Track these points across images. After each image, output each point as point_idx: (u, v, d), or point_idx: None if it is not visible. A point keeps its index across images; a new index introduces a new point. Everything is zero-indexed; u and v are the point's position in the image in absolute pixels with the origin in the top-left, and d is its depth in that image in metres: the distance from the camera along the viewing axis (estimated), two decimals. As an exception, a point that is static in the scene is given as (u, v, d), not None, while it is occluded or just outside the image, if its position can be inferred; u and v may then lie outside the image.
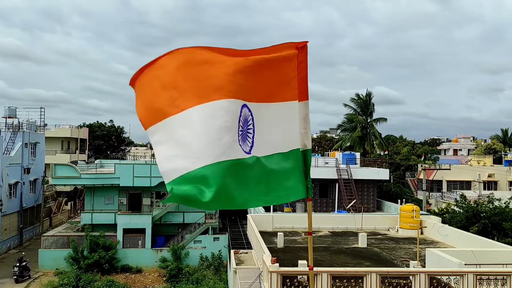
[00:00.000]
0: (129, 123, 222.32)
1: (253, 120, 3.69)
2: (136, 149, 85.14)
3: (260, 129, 3.73)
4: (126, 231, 36.17)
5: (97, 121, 71.75)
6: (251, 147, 3.68)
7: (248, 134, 3.67)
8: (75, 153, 56.80)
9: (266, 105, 3.75)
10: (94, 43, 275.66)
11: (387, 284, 14.20)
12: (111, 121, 73.07)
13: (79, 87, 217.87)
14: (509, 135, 79.31)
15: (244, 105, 3.59)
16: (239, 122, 3.54)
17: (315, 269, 14.56)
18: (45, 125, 50.60)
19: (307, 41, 3.75)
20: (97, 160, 51.11)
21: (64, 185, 44.17)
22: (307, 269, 14.76)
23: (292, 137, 3.85)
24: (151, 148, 71.12)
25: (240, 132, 3.57)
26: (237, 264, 21.32)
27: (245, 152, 3.62)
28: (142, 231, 36.23)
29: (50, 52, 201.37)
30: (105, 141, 69.52)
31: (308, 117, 3.88)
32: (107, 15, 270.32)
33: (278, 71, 3.72)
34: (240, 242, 34.43)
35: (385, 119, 52.69)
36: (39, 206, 44.85)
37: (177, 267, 33.63)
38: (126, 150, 73.81)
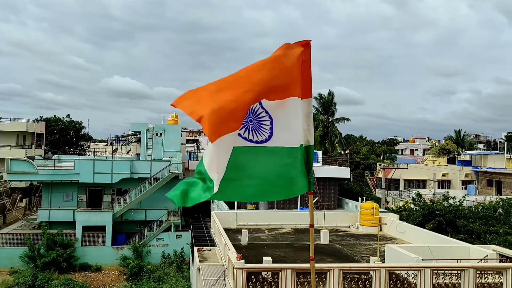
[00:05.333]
0: (87, 118, 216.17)
1: (268, 114, 3.83)
2: (96, 144, 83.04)
3: (277, 122, 3.89)
4: (85, 228, 35.33)
5: (54, 116, 69.49)
6: (269, 137, 3.86)
7: (262, 124, 3.83)
8: (31, 148, 54.72)
9: (277, 103, 3.87)
10: (51, 35, 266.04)
11: (349, 279, 14.61)
12: (68, 115, 71.02)
13: (33, 79, 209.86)
14: (461, 136, 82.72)
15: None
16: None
17: (278, 265, 14.80)
18: (-1, 118, 48.55)
19: (310, 40, 3.86)
20: (55, 155, 49.52)
21: (20, 181, 42.50)
22: (272, 265, 15.00)
23: (296, 133, 3.98)
24: (111, 144, 69.60)
25: (248, 122, 3.76)
26: (200, 262, 21.29)
27: (260, 140, 3.82)
28: (102, 228, 35.48)
29: (3, 43, 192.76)
30: (63, 136, 67.40)
31: (311, 114, 4.02)
32: (66, 5, 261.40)
33: (285, 71, 3.83)
34: (203, 239, 34.37)
35: (348, 119, 53.88)
36: (-8, 202, 43.01)
37: (138, 265, 33.17)
38: (85, 146, 71.89)
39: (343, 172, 38.62)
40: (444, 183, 55.53)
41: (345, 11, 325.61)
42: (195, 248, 24.42)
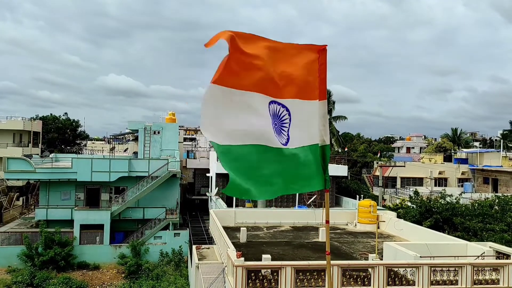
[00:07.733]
0: (84, 116, 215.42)
1: (289, 115, 4.05)
2: (93, 143, 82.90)
3: (294, 123, 4.10)
4: (83, 227, 35.34)
5: (51, 114, 69.33)
6: (288, 139, 4.08)
7: (282, 128, 4.05)
8: (28, 146, 54.64)
9: (298, 101, 4.08)
10: (47, 33, 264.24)
11: (348, 276, 14.73)
12: (65, 114, 70.84)
13: (29, 78, 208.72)
14: (458, 134, 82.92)
15: (273, 101, 3.95)
16: (271, 116, 3.96)
17: (278, 263, 14.88)
18: (-5, 117, 48.39)
19: (326, 45, 4.09)
20: (52, 154, 49.43)
21: (17, 179, 42.47)
22: (272, 263, 15.08)
23: (313, 133, 4.17)
24: (108, 142, 69.55)
25: (273, 126, 3.97)
26: (199, 260, 21.36)
27: (282, 144, 4.05)
28: (100, 227, 35.51)
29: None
30: (60, 134, 67.26)
31: (327, 115, 4.21)
32: (62, 3, 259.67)
33: (305, 72, 4.05)
34: (201, 237, 34.47)
35: (345, 117, 54.01)
36: (-11, 201, 42.92)
37: (136, 263, 33.21)
38: (82, 144, 71.79)
39: (341, 170, 38.76)
40: (441, 181, 55.77)
41: (342, 10, 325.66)
42: (194, 246, 24.47)
